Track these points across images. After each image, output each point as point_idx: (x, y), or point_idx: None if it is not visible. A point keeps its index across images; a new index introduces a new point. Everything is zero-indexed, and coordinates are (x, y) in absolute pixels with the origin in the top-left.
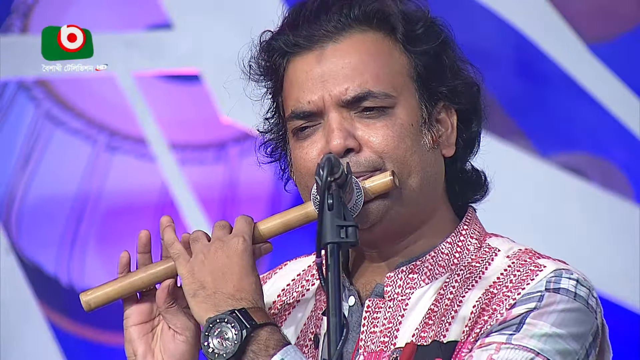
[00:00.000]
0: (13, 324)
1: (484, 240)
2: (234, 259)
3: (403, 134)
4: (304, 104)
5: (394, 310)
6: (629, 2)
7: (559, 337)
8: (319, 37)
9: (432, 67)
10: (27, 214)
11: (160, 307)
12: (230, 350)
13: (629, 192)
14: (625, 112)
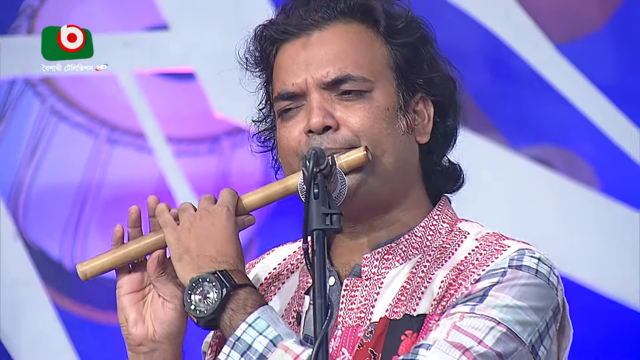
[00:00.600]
0: (20, 305)
1: (455, 225)
2: (217, 226)
3: (379, 116)
4: (289, 85)
5: (370, 288)
6: (593, 5)
7: (519, 309)
8: (306, 25)
9: (410, 59)
10: (33, 202)
11: (151, 276)
12: (211, 307)
13: (594, 182)
14: (590, 107)
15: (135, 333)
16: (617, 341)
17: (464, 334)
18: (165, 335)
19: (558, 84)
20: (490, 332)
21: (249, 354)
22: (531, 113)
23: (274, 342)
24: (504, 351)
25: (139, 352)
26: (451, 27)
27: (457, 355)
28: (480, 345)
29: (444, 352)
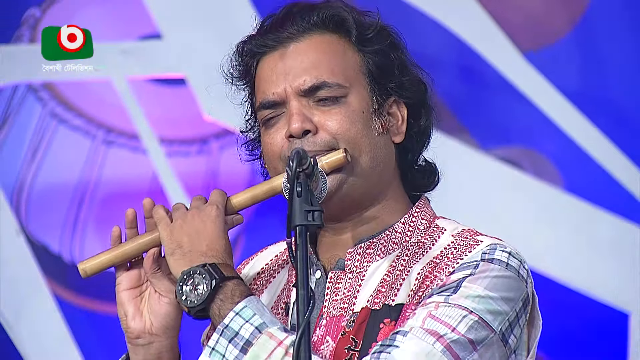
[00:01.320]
0: (22, 297)
1: (433, 221)
2: (207, 223)
3: (354, 119)
4: (269, 95)
5: (353, 281)
6: (558, 15)
7: (491, 299)
8: (283, 38)
9: (381, 65)
10: (34, 200)
11: (148, 273)
12: (201, 298)
13: (559, 180)
14: (555, 111)
15: (133, 327)
16: (584, 332)
17: (438, 322)
18: (162, 328)
19: (525, 89)
20: (462, 320)
21: (236, 340)
22: (500, 116)
23: (259, 329)
24: (476, 338)
25: (137, 344)
26: (426, 37)
27: (432, 342)
28: (453, 332)
29: (420, 339)
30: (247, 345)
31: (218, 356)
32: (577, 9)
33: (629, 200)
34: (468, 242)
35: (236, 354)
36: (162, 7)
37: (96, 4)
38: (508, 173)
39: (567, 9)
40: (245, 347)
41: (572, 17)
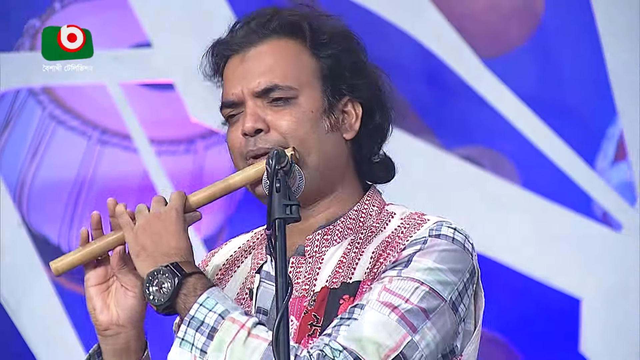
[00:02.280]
0: (24, 283)
1: (384, 207)
2: (168, 226)
3: (304, 119)
4: (230, 95)
5: (313, 264)
6: (515, 25)
7: (440, 271)
8: (244, 43)
9: (335, 68)
10: (35, 194)
11: (114, 269)
12: (166, 296)
13: (516, 177)
14: (512, 113)
15: (101, 319)
16: (540, 316)
17: (392, 295)
18: (128, 319)
19: (485, 94)
20: (415, 292)
21: (202, 328)
22: (462, 119)
23: (222, 316)
24: (428, 307)
25: (106, 335)
26: (395, 46)
27: (387, 312)
28: (407, 303)
29: (376, 311)
30: (212, 331)
31: (188, 345)
32: (532, 20)
33: (580, 195)
34: (416, 221)
35: (204, 340)
36: (152, 18)
37: (92, 15)
38: (469, 170)
39: (523, 20)
40: (211, 334)
41: (528, 27)
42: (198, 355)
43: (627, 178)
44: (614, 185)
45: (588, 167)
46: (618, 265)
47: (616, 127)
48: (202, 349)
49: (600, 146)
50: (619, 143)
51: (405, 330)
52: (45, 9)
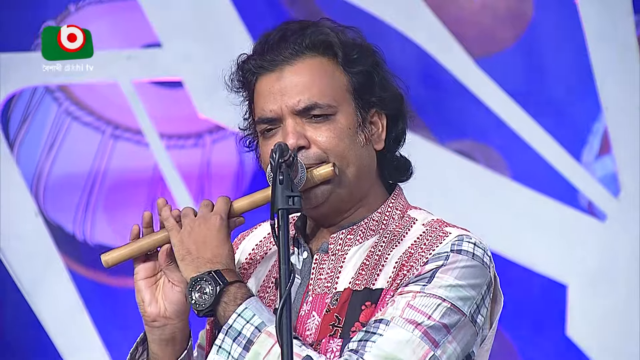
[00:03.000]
0: (40, 270)
1: (406, 212)
2: (213, 232)
3: (342, 135)
4: (267, 112)
5: (335, 262)
6: (505, 29)
7: (460, 287)
8: (279, 61)
9: (365, 83)
10: (51, 186)
11: (162, 265)
12: (208, 302)
13: (506, 170)
14: (503, 110)
15: (150, 311)
16: (530, 301)
17: (416, 311)
18: (175, 312)
19: (477, 92)
20: (437, 308)
21: (239, 339)
22: (455, 115)
23: (258, 328)
24: (449, 322)
25: (154, 326)
26: (393, 48)
27: (411, 329)
28: (429, 319)
29: (401, 327)
30: (249, 343)
31: (224, 353)
32: (522, 22)
33: (566, 187)
34: (438, 233)
35: (240, 351)
36: (162, 20)
37: (104, 17)
38: (462, 164)
39: (513, 22)
40: (247, 345)
41: (517, 29)
42: None
43: (611, 171)
44: (598, 178)
45: (574, 161)
46: (602, 253)
47: (601, 123)
48: (238, 359)
49: (585, 141)
50: (603, 138)
51: (428, 346)
52: (61, 11)
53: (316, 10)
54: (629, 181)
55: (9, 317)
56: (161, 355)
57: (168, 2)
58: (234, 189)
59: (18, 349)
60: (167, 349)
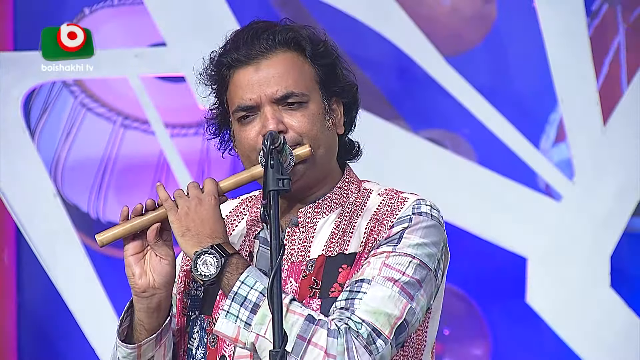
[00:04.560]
0: (58, 246)
1: (361, 185)
2: (209, 211)
3: (314, 120)
4: (247, 100)
5: (306, 233)
6: (472, 30)
7: (425, 245)
8: (254, 55)
9: (329, 74)
10: (68, 170)
11: (150, 242)
12: (213, 272)
13: (473, 156)
14: (470, 102)
15: (140, 283)
16: (494, 272)
17: (392, 269)
18: (162, 283)
19: (447, 85)
20: (409, 265)
21: (246, 304)
22: (427, 106)
23: (262, 293)
24: (420, 277)
25: (143, 296)
26: (371, 46)
27: (390, 286)
28: (404, 276)
29: (381, 285)
30: (255, 307)
31: (232, 317)
32: (486, 24)
33: (526, 171)
34: (397, 199)
35: (247, 314)
36: (166, 21)
37: (115, 19)
38: (434, 150)
39: (479, 24)
40: (254, 309)
41: (483, 30)
42: (242, 326)
43: (566, 156)
44: (554, 163)
45: (533, 147)
46: (558, 230)
47: (557, 113)
48: (247, 321)
49: (543, 129)
50: (559, 127)
51: (405, 299)
52: (77, 13)
53: (303, 12)
54: (582, 166)
55: (31, 288)
56: (147, 322)
57: (172, 6)
58: (230, 172)
59: (39, 315)
60: (153, 316)
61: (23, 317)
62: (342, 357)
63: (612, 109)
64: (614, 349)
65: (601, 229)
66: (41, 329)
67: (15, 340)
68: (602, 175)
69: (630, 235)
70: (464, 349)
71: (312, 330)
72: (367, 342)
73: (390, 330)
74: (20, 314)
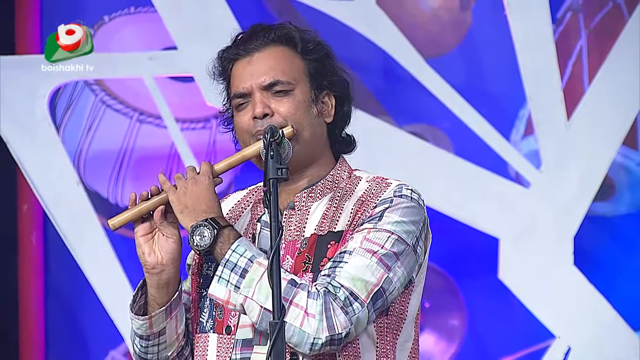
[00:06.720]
0: (82, 229)
1: (352, 173)
2: (204, 190)
3: (299, 106)
4: (240, 88)
5: (301, 216)
6: (449, 34)
7: (404, 223)
8: (250, 49)
9: (318, 68)
10: (89, 160)
11: (157, 223)
12: (207, 243)
13: (450, 147)
14: (448, 99)
15: (150, 261)
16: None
17: (371, 243)
18: (170, 260)
19: (427, 84)
20: (388, 240)
21: (236, 269)
22: (410, 103)
23: (250, 260)
24: (398, 251)
25: (153, 273)
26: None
27: (369, 257)
28: (383, 249)
29: (361, 256)
30: (244, 272)
31: (224, 282)
32: (462, 29)
33: (499, 161)
34: (382, 184)
35: (237, 279)
36: (178, 28)
37: (132, 25)
38: (416, 142)
39: (456, 29)
40: (243, 274)
41: (459, 35)
42: (232, 289)
43: (534, 148)
44: (523, 154)
45: (504, 140)
46: (527, 214)
47: (526, 109)
48: (236, 285)
49: (513, 124)
50: (527, 122)
51: (382, 269)
52: (97, 21)
53: (300, 19)
54: (548, 156)
55: (57, 267)
56: (158, 297)
57: (183, 13)
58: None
59: (64, 292)
60: (163, 291)
61: (50, 293)
62: (320, 316)
63: (575, 106)
64: (577, 320)
65: (565, 213)
66: (66, 303)
67: (43, 314)
68: (566, 165)
69: (592, 218)
70: (443, 320)
71: (294, 292)
72: (344, 304)
73: (367, 295)
74: (47, 291)
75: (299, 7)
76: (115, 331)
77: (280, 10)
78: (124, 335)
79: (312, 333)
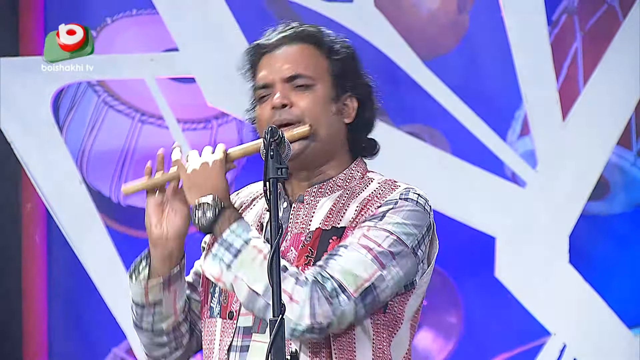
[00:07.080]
0: (84, 227)
1: (366, 174)
2: (213, 170)
3: (318, 102)
4: (263, 79)
5: (309, 209)
6: (447, 35)
7: (405, 225)
8: (278, 45)
9: (342, 69)
10: (92, 160)
11: (169, 197)
12: (209, 220)
13: (448, 147)
14: (445, 100)
15: (155, 232)
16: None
17: (369, 240)
18: (174, 234)
19: (425, 85)
20: (386, 239)
21: (230, 249)
22: (408, 104)
23: (246, 242)
24: (395, 251)
25: (157, 244)
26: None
27: (365, 253)
28: (379, 247)
29: (356, 250)
30: (237, 253)
31: (217, 259)
32: (460, 31)
33: (495, 161)
34: (390, 186)
35: (230, 258)
36: (179, 29)
37: (134, 27)
38: (413, 142)
39: (453, 31)
40: (236, 254)
41: (456, 37)
42: (225, 268)
43: (529, 148)
44: (520, 154)
45: (501, 140)
46: (523, 213)
47: (521, 110)
48: (228, 264)
49: (509, 124)
50: (523, 122)
51: (376, 266)
52: (100, 23)
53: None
54: (544, 156)
55: (60, 264)
56: (160, 269)
57: (184, 15)
58: None
59: (67, 289)
60: (165, 263)
61: (53, 291)
62: (304, 303)
63: (570, 106)
64: (572, 317)
65: (561, 212)
66: (69, 301)
67: (46, 312)
68: (561, 165)
69: (586, 217)
70: (440, 317)
71: (282, 277)
72: (330, 294)
73: (355, 289)
74: (50, 289)
75: (298, 9)
76: (118, 328)
77: (280, 13)
78: (127, 333)
79: (294, 319)
